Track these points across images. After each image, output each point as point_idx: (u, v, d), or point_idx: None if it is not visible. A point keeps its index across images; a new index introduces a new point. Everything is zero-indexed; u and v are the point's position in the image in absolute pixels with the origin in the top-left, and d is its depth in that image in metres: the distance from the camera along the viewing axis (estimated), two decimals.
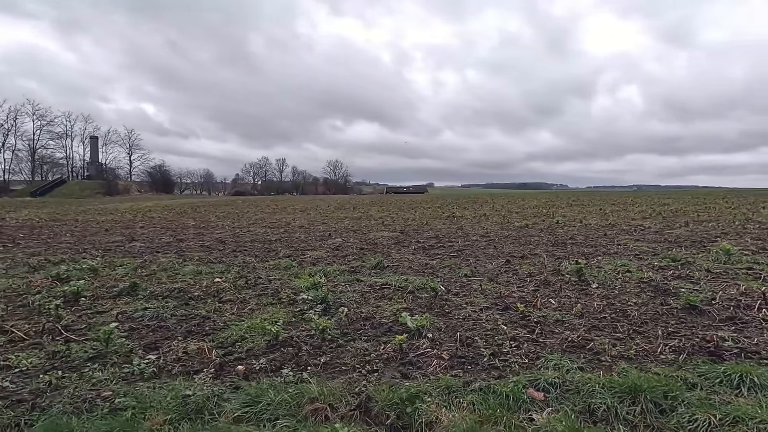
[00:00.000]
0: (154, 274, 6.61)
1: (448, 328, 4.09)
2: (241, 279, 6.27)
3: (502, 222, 15.26)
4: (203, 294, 5.43)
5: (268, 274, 6.56)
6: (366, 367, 3.28)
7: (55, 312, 4.52)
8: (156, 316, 4.58)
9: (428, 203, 32.44)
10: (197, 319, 4.48)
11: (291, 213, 23.41)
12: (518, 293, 5.23)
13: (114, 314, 4.69)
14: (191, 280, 6.16)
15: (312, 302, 4.74)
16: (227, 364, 3.39)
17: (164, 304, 4.97)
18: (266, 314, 4.52)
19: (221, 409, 2.66)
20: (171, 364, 3.41)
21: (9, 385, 3.08)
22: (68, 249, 9.86)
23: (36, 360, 3.51)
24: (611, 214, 17.58)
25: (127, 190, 79.16)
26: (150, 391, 2.89)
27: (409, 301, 5.02)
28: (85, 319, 4.56)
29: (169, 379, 3.20)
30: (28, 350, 3.74)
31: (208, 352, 3.63)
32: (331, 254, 8.54)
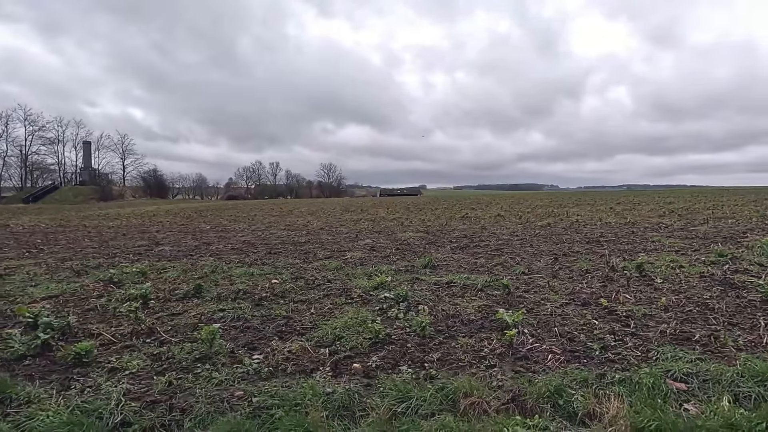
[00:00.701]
0: (207, 277, 6.54)
1: (540, 323, 4.10)
2: (298, 280, 6.24)
3: (521, 222, 15.34)
4: (270, 295, 5.39)
5: (323, 275, 6.53)
6: (483, 362, 3.28)
7: (135, 315, 4.46)
8: (237, 317, 4.54)
9: (430, 204, 32.49)
10: (280, 320, 4.45)
11: (300, 216, 23.30)
12: (588, 289, 5.26)
13: (192, 316, 4.64)
14: (248, 282, 6.10)
15: (393, 301, 4.72)
16: (340, 363, 3.37)
17: (238, 306, 4.93)
18: (350, 313, 4.49)
19: (367, 406, 2.65)
20: (282, 364, 3.38)
21: (131, 387, 3.03)
22: (96, 253, 9.73)
23: (140, 362, 3.46)
24: (624, 213, 17.76)
25: (121, 196, 78.21)
26: (285, 390, 2.86)
27: (483, 298, 5.03)
28: (166, 321, 4.50)
29: (286, 377, 3.17)
30: (126, 353, 3.69)
31: (312, 351, 3.61)
32: (370, 255, 8.52)
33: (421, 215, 20.44)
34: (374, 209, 27.74)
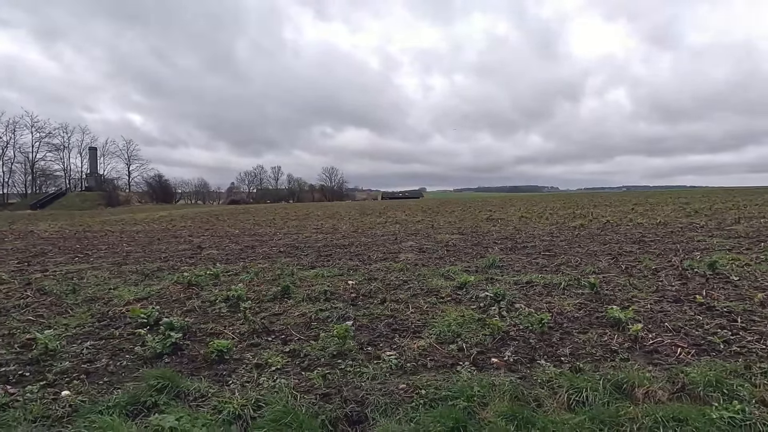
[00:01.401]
0: (281, 279, 6.67)
1: (646, 319, 4.23)
2: (372, 281, 6.36)
3: (551, 223, 15.48)
4: (358, 296, 5.52)
5: (394, 276, 6.66)
6: (616, 355, 3.41)
7: (244, 315, 4.60)
8: (342, 316, 4.67)
9: (441, 207, 32.60)
10: (385, 318, 4.58)
11: (320, 219, 23.43)
12: (669, 287, 5.39)
13: (296, 315, 4.77)
14: (326, 283, 6.23)
15: (491, 299, 4.85)
16: (477, 358, 3.50)
17: (334, 306, 5.06)
18: (451, 312, 4.62)
19: (537, 396, 2.77)
20: (419, 359, 3.51)
21: (291, 381, 3.16)
22: (145, 258, 9.85)
23: (280, 359, 3.59)
24: (648, 214, 17.89)
25: (128, 201, 78.45)
26: (451, 383, 2.99)
27: (574, 296, 5.16)
28: (274, 320, 4.64)
29: (432, 372, 3.30)
30: (256, 350, 3.82)
31: (440, 348, 3.75)
32: (423, 256, 8.64)
33: (443, 218, 20.57)
34: (391, 212, 27.87)
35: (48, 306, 5.56)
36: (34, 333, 4.10)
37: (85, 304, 5.59)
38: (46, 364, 3.69)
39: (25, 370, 3.57)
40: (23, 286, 6.86)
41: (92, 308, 5.34)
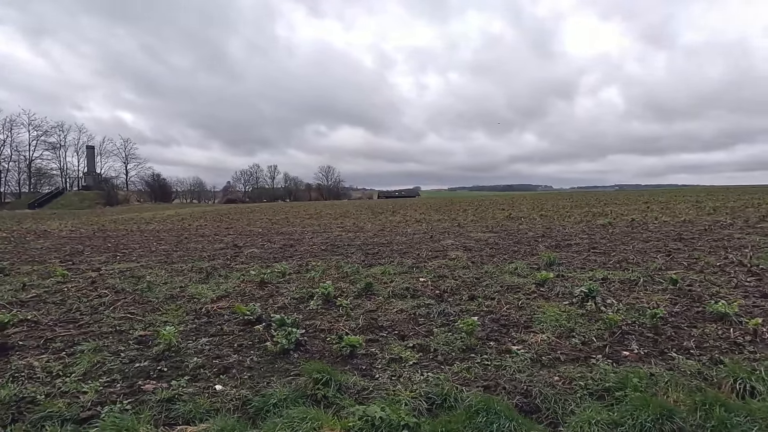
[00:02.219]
0: (349, 276, 6.73)
1: (747, 314, 4.35)
2: (442, 279, 6.44)
3: (578, 221, 15.65)
4: (439, 292, 5.60)
5: (461, 273, 6.74)
6: (744, 348, 3.53)
7: (346, 311, 4.66)
8: (443, 312, 4.74)
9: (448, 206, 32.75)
10: (483, 314, 4.66)
11: (336, 218, 23.45)
12: (747, 283, 5.53)
13: (395, 311, 4.84)
14: (400, 280, 6.30)
15: (584, 295, 4.95)
16: (606, 350, 3.60)
17: (425, 302, 5.14)
18: (547, 307, 4.72)
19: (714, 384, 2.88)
20: (548, 353, 3.60)
21: (439, 375, 3.24)
22: (187, 256, 9.84)
23: (411, 354, 3.67)
24: (666, 211, 18.14)
25: (126, 200, 77.87)
26: (596, 375, 3.09)
27: (659, 291, 5.27)
28: (373, 316, 4.70)
29: (567, 364, 3.39)
30: (382, 345, 3.89)
31: (561, 341, 3.84)
32: (472, 254, 8.72)
33: (462, 217, 20.69)
34: (403, 211, 27.96)
35: (132, 303, 5.58)
36: (158, 329, 4.15)
37: (170, 301, 5.62)
38: (175, 360, 3.73)
39: (159, 366, 3.61)
40: (89, 284, 6.86)
41: (181, 305, 5.37)
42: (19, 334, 4.52)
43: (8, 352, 4.07)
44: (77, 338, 4.34)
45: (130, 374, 3.49)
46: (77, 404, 2.98)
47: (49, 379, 3.44)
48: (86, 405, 2.99)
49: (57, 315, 5.17)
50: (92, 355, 3.88)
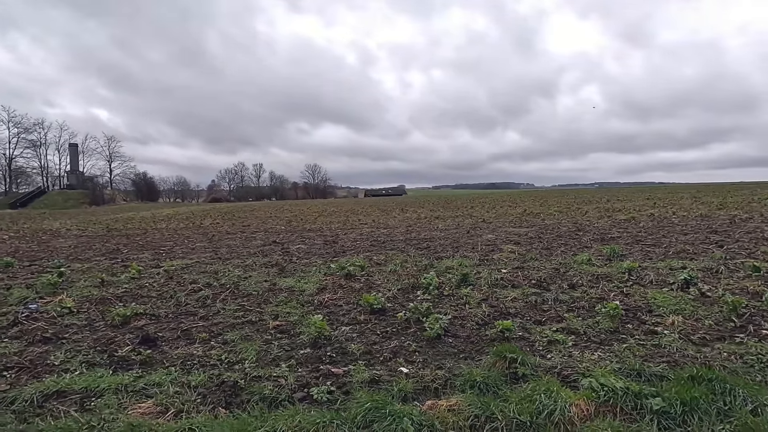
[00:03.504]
0: (425, 269, 6.90)
1: None
2: (521, 270, 6.67)
3: (599, 216, 16.13)
4: (537, 282, 5.82)
5: (539, 265, 6.98)
6: None
7: (466, 299, 4.83)
8: (557, 299, 4.96)
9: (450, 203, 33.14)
10: (596, 302, 4.89)
11: (348, 215, 23.52)
12: None
13: (510, 299, 5.03)
14: (484, 272, 6.49)
15: (683, 282, 5.22)
16: (747, 329, 3.87)
17: (528, 291, 5.34)
18: (655, 294, 4.98)
19: None
20: (690, 333, 3.85)
21: (609, 356, 3.44)
22: (234, 254, 9.85)
23: (561, 336, 3.86)
24: (675, 207, 18.81)
25: (112, 199, 75.97)
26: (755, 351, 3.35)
27: (745, 279, 5.60)
28: (492, 303, 4.89)
29: (715, 343, 3.64)
30: (528, 330, 4.09)
31: (694, 322, 4.10)
32: (525, 248, 8.98)
33: (478, 213, 21.02)
34: (411, 208, 28.19)
35: (235, 296, 5.63)
36: (310, 319, 4.25)
37: (272, 294, 5.69)
38: (335, 346, 3.85)
39: (324, 352, 3.72)
40: (167, 279, 6.86)
41: (289, 298, 5.45)
42: (149, 326, 4.56)
43: (155, 342, 4.11)
44: (214, 329, 4.41)
45: (302, 360, 3.60)
46: (282, 387, 3.08)
47: (226, 365, 3.52)
48: (292, 387, 3.10)
49: (168, 309, 5.19)
50: (247, 343, 3.96)
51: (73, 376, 3.38)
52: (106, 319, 4.81)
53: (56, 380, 3.29)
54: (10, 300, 5.78)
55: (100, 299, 5.69)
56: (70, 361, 3.73)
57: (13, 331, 4.57)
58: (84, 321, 4.84)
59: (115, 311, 4.81)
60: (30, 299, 5.80)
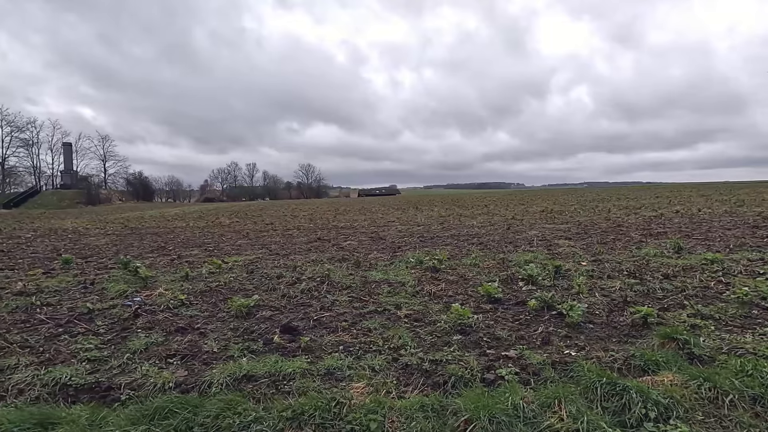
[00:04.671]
0: (504, 263, 7.04)
1: None
2: (597, 263, 6.84)
3: (625, 214, 16.43)
4: (626, 273, 5.99)
5: (617, 257, 7.16)
6: None
7: (579, 289, 4.98)
8: (663, 288, 5.12)
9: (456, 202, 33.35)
10: (690, 290, 5.07)
11: (366, 214, 23.59)
12: None
13: (617, 288, 5.19)
14: (571, 265, 6.65)
15: None
16: None
17: (627, 282, 5.50)
18: (759, 283, 5.18)
19: None
20: None
21: None
22: (289, 250, 9.90)
23: (699, 321, 4.02)
24: (694, 205, 19.23)
25: (108, 199, 74.93)
26: None
27: None
28: (603, 293, 5.04)
29: None
30: (660, 318, 4.24)
31: None
32: (580, 243, 9.17)
33: (498, 211, 21.24)
34: (424, 207, 28.33)
35: (336, 288, 5.70)
36: (433, 307, 4.35)
37: (375, 286, 5.77)
38: (485, 332, 3.96)
39: (480, 338, 3.83)
40: (248, 274, 6.90)
41: (396, 290, 5.54)
42: (279, 317, 4.63)
43: (296, 331, 4.19)
44: (344, 318, 4.50)
45: (462, 345, 3.70)
46: (469, 368, 3.19)
47: (391, 350, 3.62)
48: (480, 368, 3.20)
49: (279, 300, 5.26)
50: (392, 330, 4.05)
51: (249, 362, 3.44)
52: (227, 310, 4.87)
53: (236, 366, 3.36)
54: (110, 294, 5.79)
55: (204, 291, 5.74)
56: (228, 349, 3.80)
57: (141, 322, 4.61)
58: (205, 312, 4.89)
59: (236, 302, 4.87)
60: (128, 293, 5.82)
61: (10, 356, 3.77)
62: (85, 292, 6.00)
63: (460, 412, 2.39)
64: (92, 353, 3.79)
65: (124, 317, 4.78)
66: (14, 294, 5.99)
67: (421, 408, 2.54)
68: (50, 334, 4.34)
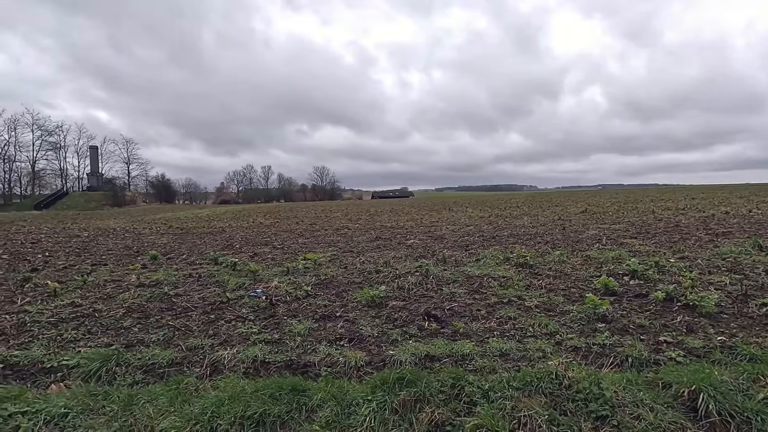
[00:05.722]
0: (595, 259, 7.23)
1: None
2: (683, 260, 6.99)
3: (674, 214, 16.41)
4: (725, 269, 6.14)
5: (691, 255, 7.31)
6: None
7: (691, 284, 5.16)
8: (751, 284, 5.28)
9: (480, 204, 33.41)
10: None
11: (392, 215, 23.87)
12: None
13: (728, 285, 5.36)
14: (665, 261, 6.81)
15: None
16: None
17: (732, 277, 5.66)
18: None
19: None
20: None
21: None
22: (353, 249, 10.20)
23: None
24: (733, 206, 19.07)
25: (133, 201, 76.73)
26: None
27: None
28: (715, 287, 5.22)
29: None
30: None
31: None
32: (651, 241, 9.29)
33: (534, 212, 21.33)
34: (457, 208, 28.51)
35: (442, 284, 5.98)
36: (556, 299, 4.59)
37: (479, 280, 6.04)
38: (622, 321, 4.18)
39: (625, 326, 4.06)
40: (344, 269, 7.21)
41: (508, 284, 5.79)
42: (411, 307, 4.91)
43: (439, 319, 4.47)
44: (477, 308, 4.76)
45: (614, 330, 3.93)
46: (637, 349, 3.42)
47: (545, 336, 3.87)
48: (646, 350, 3.44)
49: (397, 292, 5.55)
50: (531, 319, 4.31)
51: (419, 344, 3.73)
52: (356, 300, 5.18)
53: (412, 347, 3.65)
54: (229, 286, 6.15)
55: (318, 284, 6.07)
56: (386, 333, 4.10)
57: (282, 310, 4.94)
58: (335, 302, 5.21)
59: (364, 293, 5.17)
60: (246, 285, 6.18)
61: (189, 338, 4.14)
62: (203, 285, 6.37)
63: (680, 382, 2.62)
64: (261, 336, 4.14)
65: (261, 306, 5.12)
66: (136, 286, 6.41)
67: (631, 381, 2.78)
68: (205, 320, 4.70)
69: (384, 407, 2.57)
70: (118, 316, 4.95)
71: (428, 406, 2.55)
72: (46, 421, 2.59)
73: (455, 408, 2.57)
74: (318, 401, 2.67)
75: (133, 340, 4.15)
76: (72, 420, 2.59)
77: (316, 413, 2.59)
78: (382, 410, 2.55)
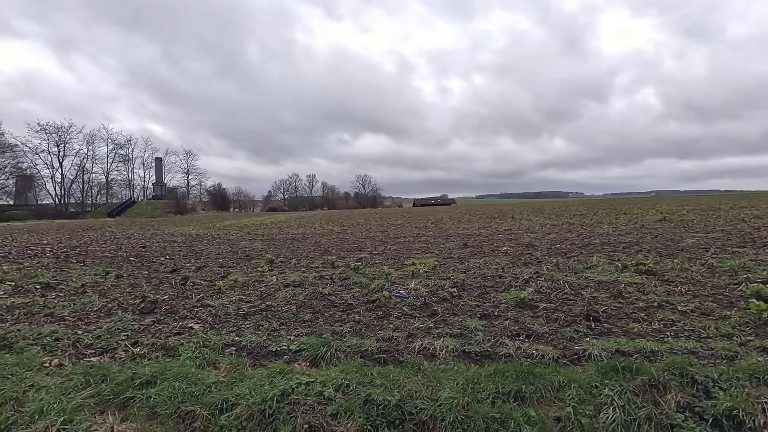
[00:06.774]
0: (713, 269, 7.24)
1: None
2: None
3: (740, 222, 15.63)
4: None
5: None
6: None
7: None
8: None
9: (545, 211, 32.76)
10: None
11: (451, 223, 24.09)
12: None
13: None
14: None
15: None
16: None
17: None
18: None
19: None
20: None
21: None
22: (458, 256, 10.58)
23: None
24: None
25: (193, 209, 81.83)
26: None
27: None
28: None
29: None
30: None
31: None
32: (756, 251, 9.03)
33: (606, 220, 20.88)
34: (516, 215, 28.32)
35: (583, 288, 6.26)
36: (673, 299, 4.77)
37: (610, 286, 6.28)
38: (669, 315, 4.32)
39: None
40: (464, 273, 7.65)
41: (646, 290, 6.01)
42: (564, 308, 5.26)
43: (599, 320, 4.78)
44: (630, 310, 5.03)
45: None
46: None
47: (721, 337, 4.09)
48: None
49: (536, 295, 5.90)
50: (696, 322, 4.52)
51: (597, 341, 4.07)
52: (503, 302, 5.59)
53: (606, 342, 4.00)
54: (372, 288, 6.75)
55: (456, 286, 6.55)
56: (560, 331, 4.47)
57: (440, 309, 5.44)
58: (483, 303, 5.64)
59: (512, 295, 5.58)
60: (385, 287, 6.76)
61: (376, 331, 4.70)
62: (343, 286, 7.02)
63: None
64: (441, 330, 4.64)
65: (417, 305, 5.65)
66: (283, 286, 7.16)
67: None
68: (374, 316, 5.28)
69: (624, 390, 2.95)
70: (294, 311, 5.65)
71: (666, 391, 2.91)
72: (335, 388, 3.19)
73: (693, 393, 2.91)
74: (558, 383, 3.10)
75: (327, 331, 4.77)
76: (355, 389, 3.17)
77: (564, 391, 3.01)
78: (624, 392, 2.93)
